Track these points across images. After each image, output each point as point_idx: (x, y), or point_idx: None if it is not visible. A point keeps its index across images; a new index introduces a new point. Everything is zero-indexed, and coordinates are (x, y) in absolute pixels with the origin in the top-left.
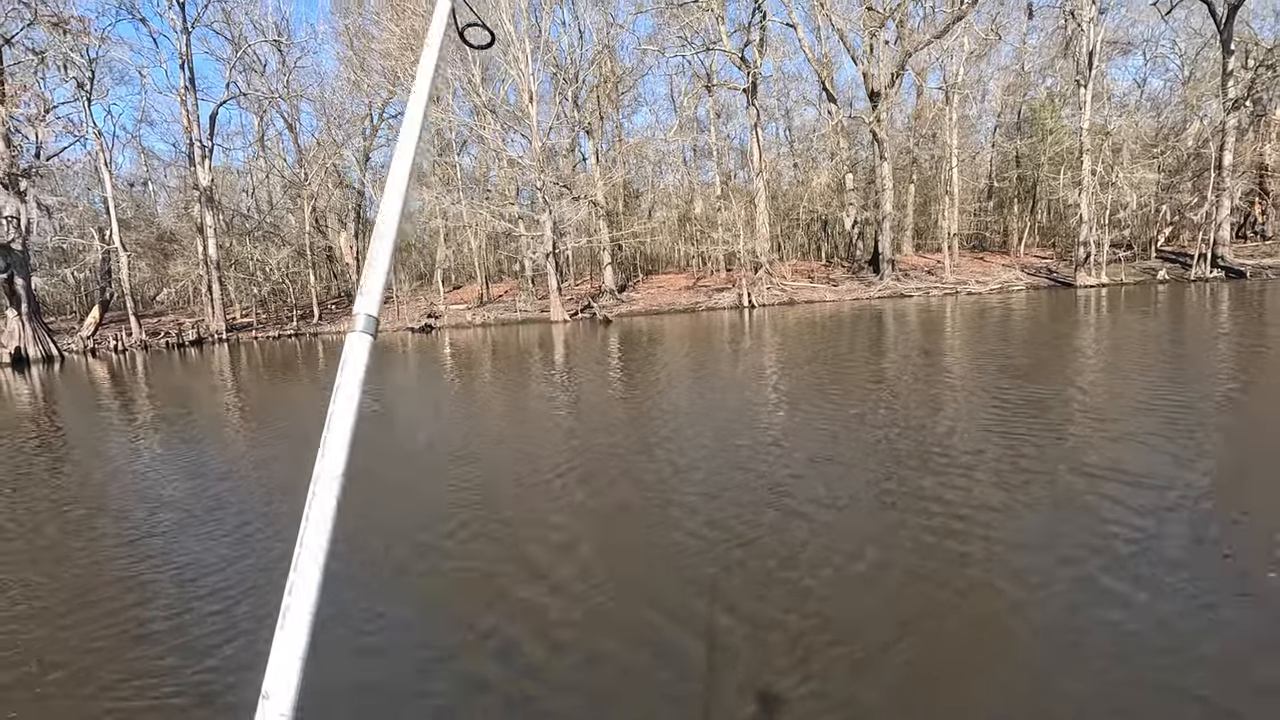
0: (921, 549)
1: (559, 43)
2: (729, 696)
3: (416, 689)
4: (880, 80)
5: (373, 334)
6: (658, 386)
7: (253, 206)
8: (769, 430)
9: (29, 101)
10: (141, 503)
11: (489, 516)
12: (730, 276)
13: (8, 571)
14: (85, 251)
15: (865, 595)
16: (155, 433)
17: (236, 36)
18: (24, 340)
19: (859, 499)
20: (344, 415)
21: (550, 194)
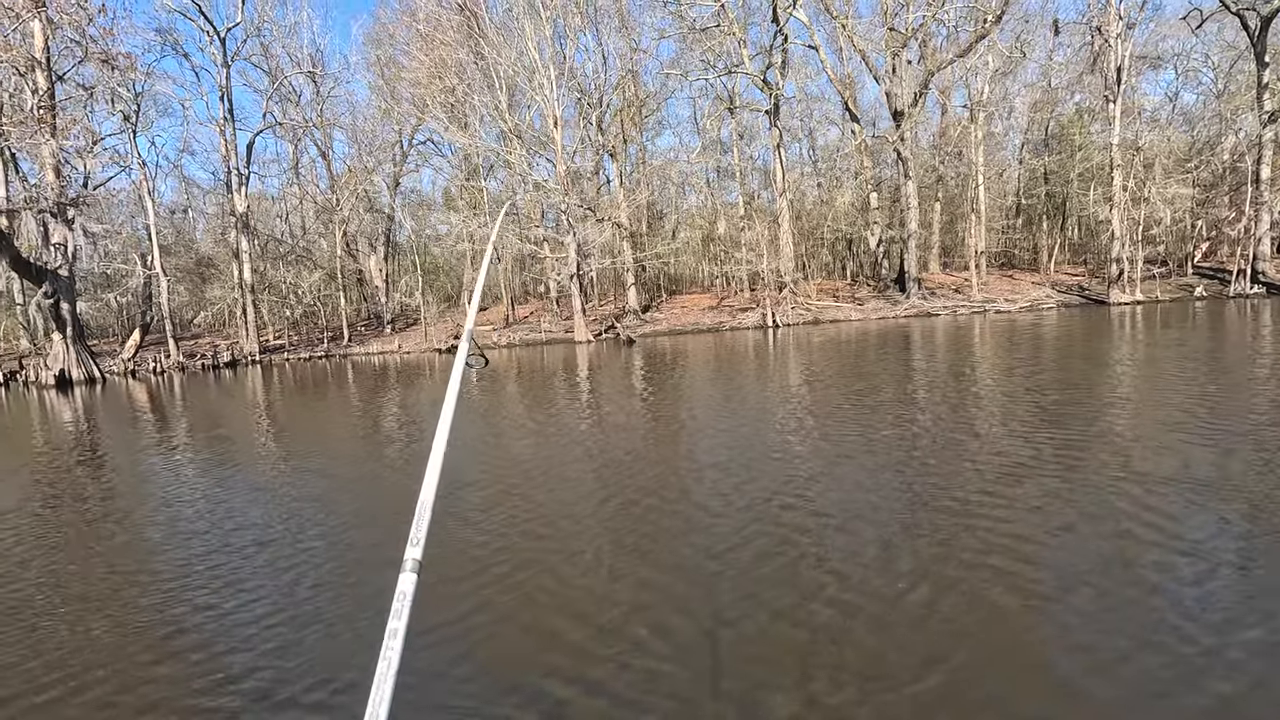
0: (969, 601)
1: (583, 69)
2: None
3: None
4: (904, 99)
5: (417, 573)
6: (679, 409)
7: (286, 231)
8: (796, 460)
9: (79, 134)
10: (164, 506)
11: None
12: (754, 296)
13: (79, 559)
14: (128, 276)
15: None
16: (187, 450)
17: (273, 69)
18: (68, 363)
19: (894, 547)
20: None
21: (574, 216)
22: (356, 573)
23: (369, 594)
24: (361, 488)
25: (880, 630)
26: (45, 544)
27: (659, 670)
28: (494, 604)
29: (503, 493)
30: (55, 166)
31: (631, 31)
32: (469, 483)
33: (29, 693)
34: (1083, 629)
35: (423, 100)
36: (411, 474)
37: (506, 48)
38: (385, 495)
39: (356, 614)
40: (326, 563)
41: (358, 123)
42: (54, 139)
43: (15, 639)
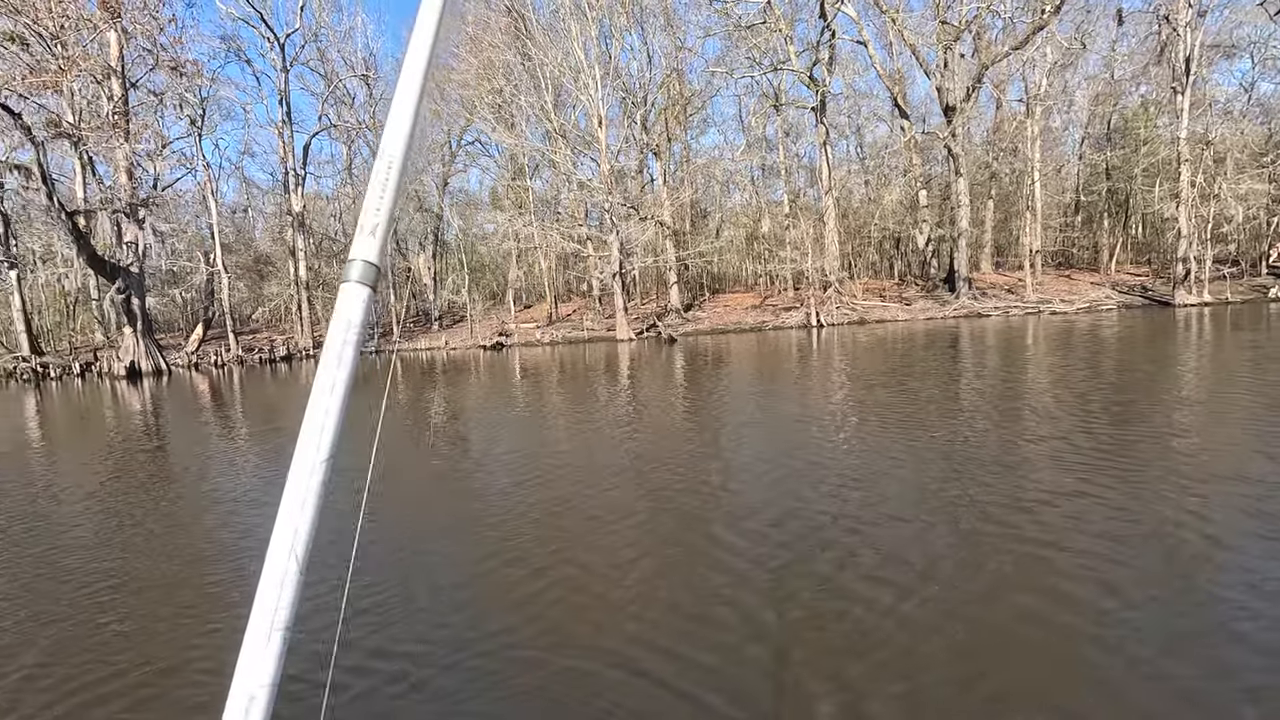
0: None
1: (628, 68)
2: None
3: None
4: (955, 94)
5: (372, 285)
6: (719, 409)
7: (340, 230)
8: (837, 463)
9: (149, 138)
10: (228, 482)
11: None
12: (798, 295)
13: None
14: (192, 273)
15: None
16: (245, 439)
17: (329, 73)
18: (138, 355)
19: (939, 560)
20: (325, 397)
21: (618, 215)
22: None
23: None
24: (399, 475)
25: (917, 632)
26: (123, 519)
27: (693, 666)
28: (534, 595)
29: (543, 483)
30: (128, 169)
31: (677, 30)
32: (509, 476)
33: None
34: (1145, 652)
35: (471, 101)
36: (453, 462)
37: (552, 48)
38: (424, 483)
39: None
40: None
41: None
42: (127, 143)
43: (104, 591)
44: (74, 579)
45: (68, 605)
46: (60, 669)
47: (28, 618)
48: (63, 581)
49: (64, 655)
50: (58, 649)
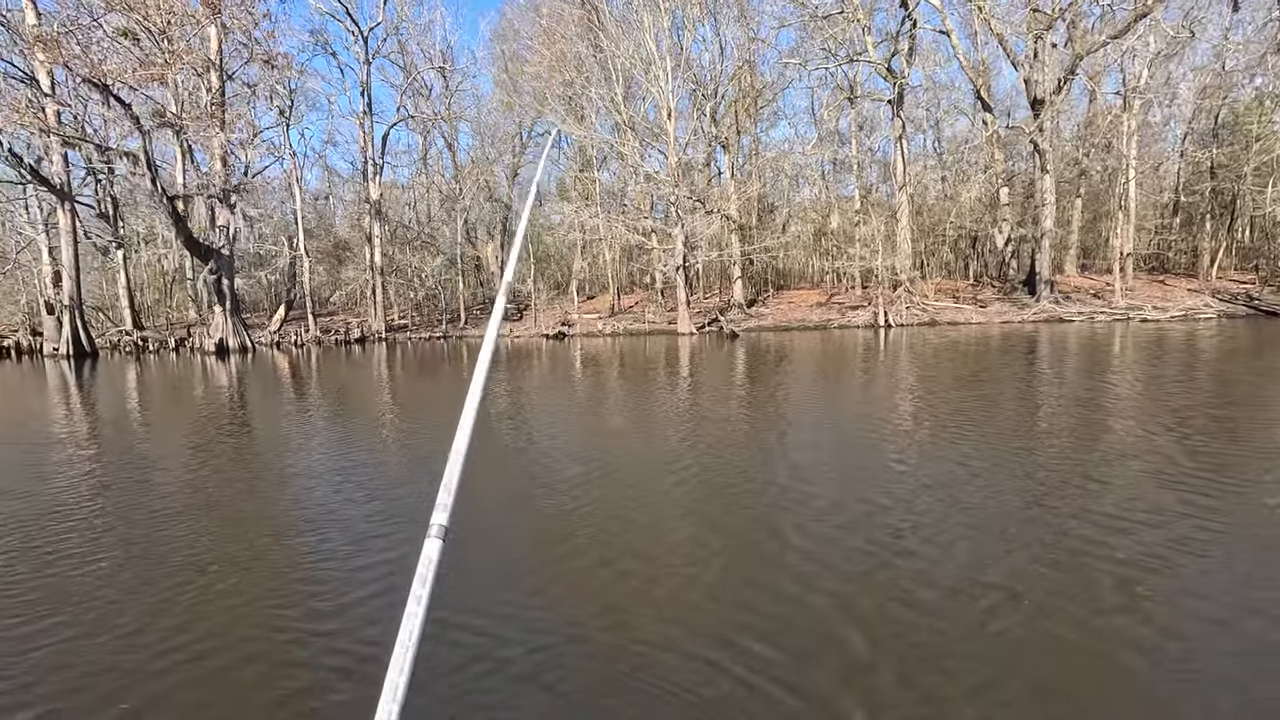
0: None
1: (699, 60)
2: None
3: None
4: (1045, 87)
5: (443, 539)
6: (779, 407)
7: (413, 219)
8: (909, 470)
9: (242, 128)
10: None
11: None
12: (866, 294)
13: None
14: (277, 257)
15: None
16: (320, 414)
17: (408, 65)
18: (226, 333)
19: (1026, 580)
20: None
21: (683, 208)
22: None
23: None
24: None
25: (1003, 657)
26: (211, 489)
27: (765, 663)
28: (580, 585)
29: (601, 475)
30: (223, 157)
31: (750, 21)
32: (571, 467)
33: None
34: (1266, 693)
35: (542, 93)
36: (516, 450)
37: (624, 40)
38: (477, 465)
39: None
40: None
41: (482, 116)
42: (223, 132)
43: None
44: (178, 545)
45: (171, 567)
46: (157, 633)
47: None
48: (168, 546)
49: (164, 617)
50: (156, 613)
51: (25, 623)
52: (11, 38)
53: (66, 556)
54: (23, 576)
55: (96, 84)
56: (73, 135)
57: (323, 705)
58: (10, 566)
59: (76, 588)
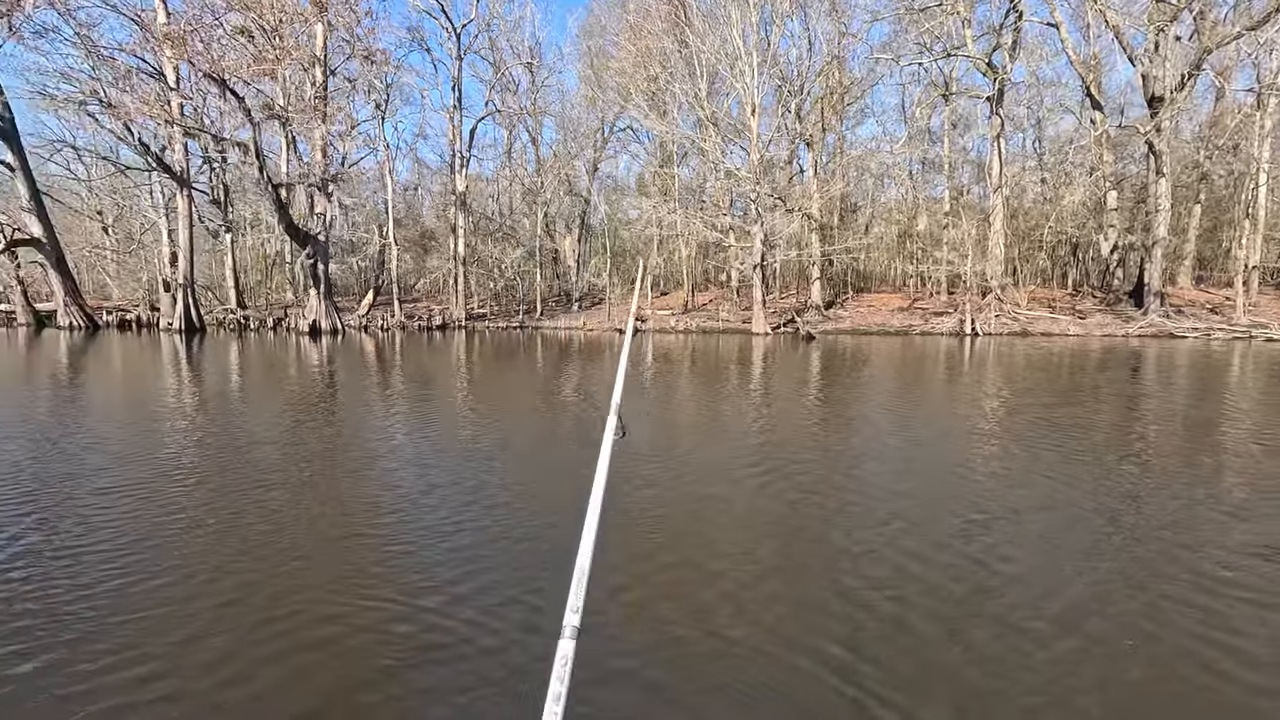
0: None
1: (787, 55)
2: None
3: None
4: (1165, 83)
5: (575, 640)
6: (854, 415)
7: (496, 210)
8: (993, 491)
9: (341, 120)
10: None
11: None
12: (952, 300)
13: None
14: (367, 244)
15: None
16: (401, 396)
17: (497, 61)
18: (319, 315)
19: (1128, 625)
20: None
21: (764, 206)
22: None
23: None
24: (531, 446)
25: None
26: (301, 459)
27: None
28: (661, 590)
29: (675, 476)
30: (323, 148)
31: (841, 15)
32: (640, 465)
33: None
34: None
35: (626, 89)
36: (588, 445)
37: (710, 35)
38: (547, 458)
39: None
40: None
41: (565, 110)
42: (324, 124)
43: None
44: (275, 515)
45: (268, 536)
46: (254, 604)
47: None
48: (266, 515)
49: (255, 590)
50: (253, 582)
51: (135, 583)
52: (144, 36)
53: (175, 522)
54: (137, 538)
55: (215, 78)
56: (193, 126)
57: (414, 680)
58: (126, 528)
59: (182, 552)
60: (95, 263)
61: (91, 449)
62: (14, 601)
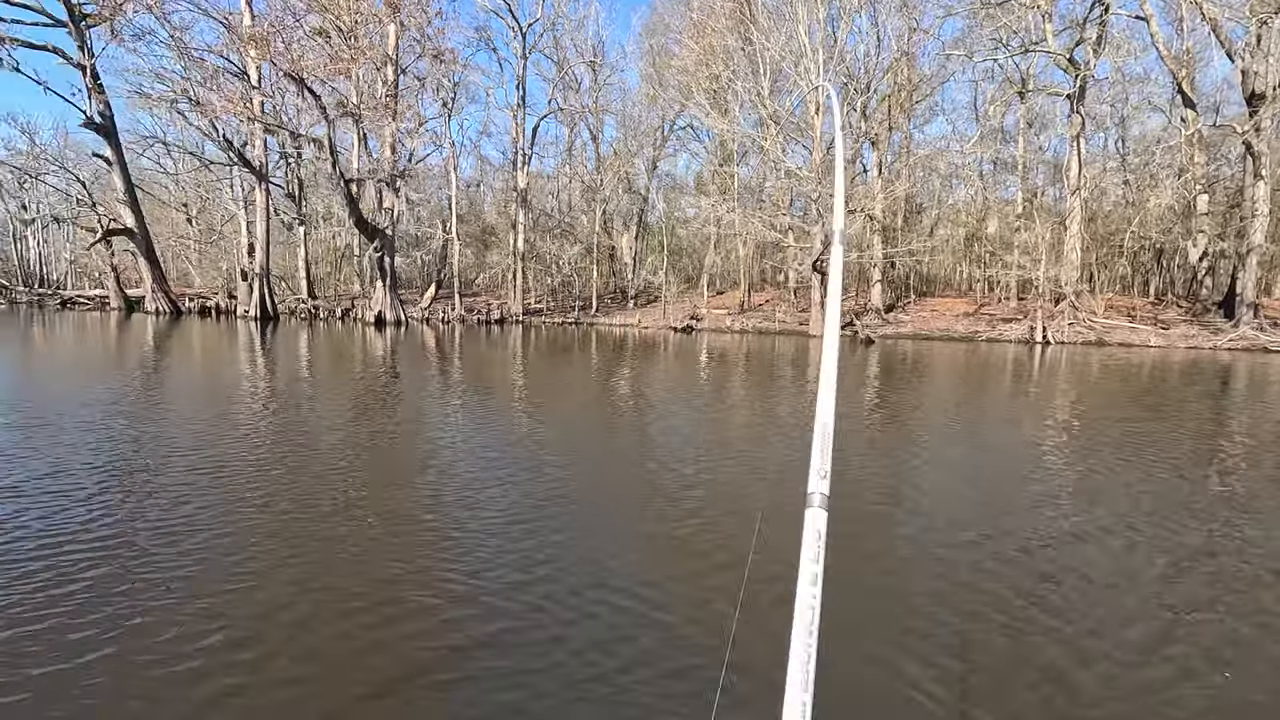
0: None
1: (854, 52)
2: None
3: None
4: (1268, 80)
5: (826, 509)
6: (912, 424)
7: (555, 207)
8: (1065, 512)
9: (410, 118)
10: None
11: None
12: (1022, 306)
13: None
14: (430, 239)
15: None
16: (459, 385)
17: (561, 59)
18: (384, 306)
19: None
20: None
21: (824, 206)
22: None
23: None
24: (583, 434)
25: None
26: (366, 446)
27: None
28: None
29: (726, 479)
30: (392, 144)
31: (912, 10)
32: (688, 466)
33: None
34: None
35: (688, 87)
36: (634, 443)
37: (775, 32)
38: (593, 444)
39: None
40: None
41: (627, 109)
42: (394, 122)
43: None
44: (340, 499)
45: (334, 520)
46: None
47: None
48: (332, 499)
49: (318, 575)
50: (325, 561)
51: (209, 565)
52: (231, 38)
53: (249, 504)
54: (211, 519)
55: (294, 77)
56: (273, 123)
57: (469, 664)
58: (201, 509)
59: (257, 532)
60: (180, 252)
61: (176, 429)
62: (112, 565)
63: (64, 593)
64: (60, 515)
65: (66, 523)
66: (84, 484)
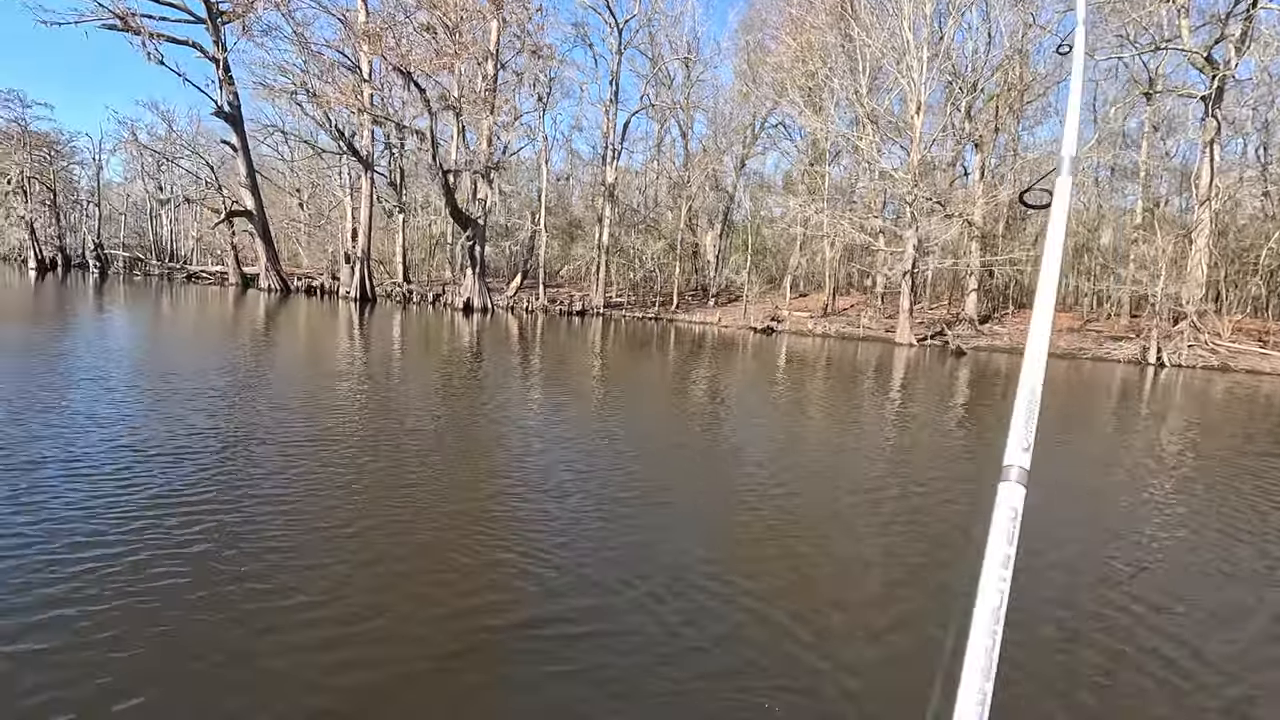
0: None
1: (961, 49)
2: None
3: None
4: None
5: (1025, 485)
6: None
7: (641, 203)
8: (1154, 563)
9: (507, 112)
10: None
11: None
12: (1134, 324)
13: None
14: (519, 230)
15: None
16: (539, 377)
17: (655, 55)
18: (473, 293)
19: None
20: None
21: (920, 209)
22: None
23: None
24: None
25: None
26: (449, 427)
27: None
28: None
29: (802, 491)
30: (489, 137)
31: (1028, 6)
32: (762, 470)
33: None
34: None
35: (782, 84)
36: (709, 445)
37: (878, 28)
38: (672, 439)
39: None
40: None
41: (718, 105)
42: (492, 115)
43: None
44: (417, 477)
45: (415, 496)
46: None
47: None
48: (411, 477)
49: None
50: (405, 532)
51: (297, 534)
52: (347, 33)
53: (331, 480)
54: (295, 493)
55: (402, 71)
56: (380, 115)
57: (543, 635)
58: (288, 485)
59: (342, 508)
60: (291, 234)
61: (284, 400)
62: (220, 519)
63: (176, 543)
64: (177, 473)
65: (183, 479)
66: (206, 446)
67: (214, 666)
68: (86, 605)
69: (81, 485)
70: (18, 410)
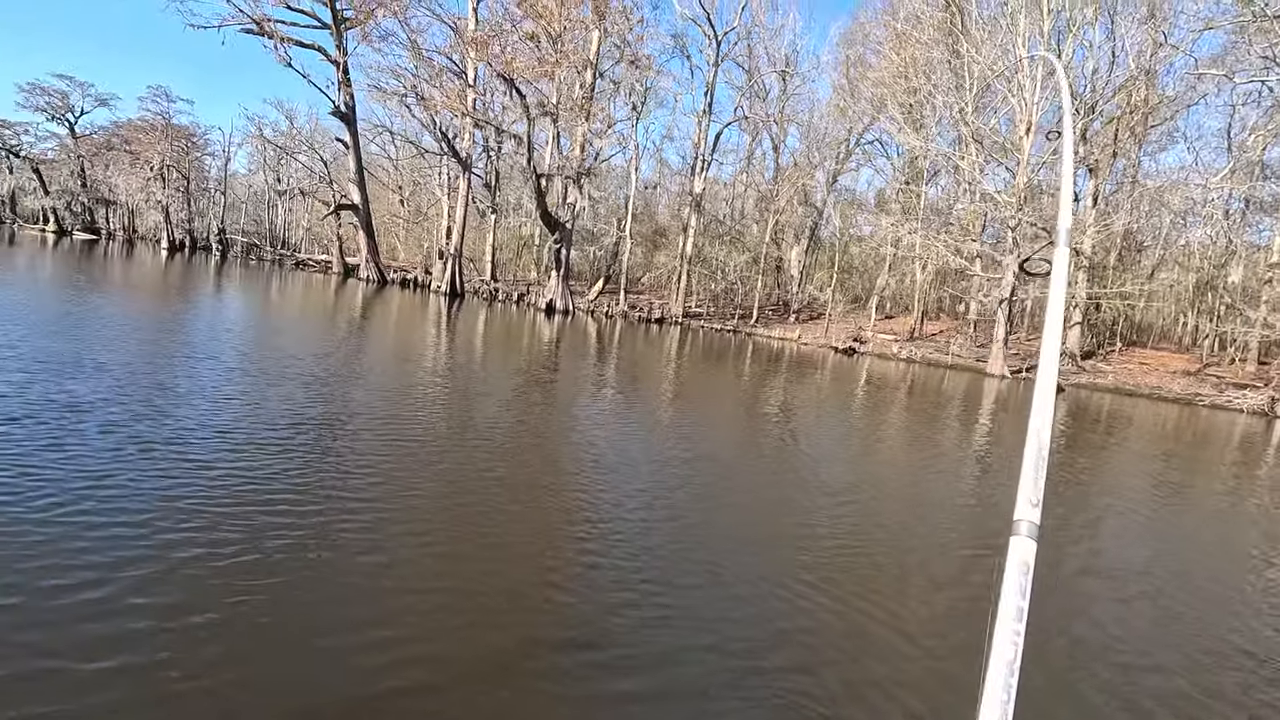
0: None
1: (1081, 68)
2: None
3: None
4: None
5: (1035, 539)
6: (1105, 497)
7: (727, 214)
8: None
9: (601, 119)
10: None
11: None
12: (1263, 372)
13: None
14: (605, 235)
15: None
16: (613, 381)
17: (752, 67)
18: (556, 295)
19: None
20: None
21: (1023, 234)
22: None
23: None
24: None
25: None
26: (524, 426)
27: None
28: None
29: (868, 515)
30: (582, 144)
31: (1160, 23)
32: (828, 497)
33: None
34: None
35: (882, 100)
36: (778, 469)
37: (988, 44)
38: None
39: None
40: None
41: (813, 120)
42: (587, 123)
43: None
44: (493, 474)
45: (487, 493)
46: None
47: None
48: (486, 473)
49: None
50: (477, 524)
51: (369, 526)
52: (457, 40)
53: (407, 470)
54: (371, 485)
55: (505, 78)
56: (482, 119)
57: (588, 634)
58: (365, 480)
59: (418, 499)
60: (390, 228)
61: (376, 385)
62: (304, 502)
63: (259, 523)
64: (265, 456)
65: (271, 463)
66: (297, 432)
67: (278, 642)
68: (189, 563)
69: (203, 457)
70: (130, 387)
